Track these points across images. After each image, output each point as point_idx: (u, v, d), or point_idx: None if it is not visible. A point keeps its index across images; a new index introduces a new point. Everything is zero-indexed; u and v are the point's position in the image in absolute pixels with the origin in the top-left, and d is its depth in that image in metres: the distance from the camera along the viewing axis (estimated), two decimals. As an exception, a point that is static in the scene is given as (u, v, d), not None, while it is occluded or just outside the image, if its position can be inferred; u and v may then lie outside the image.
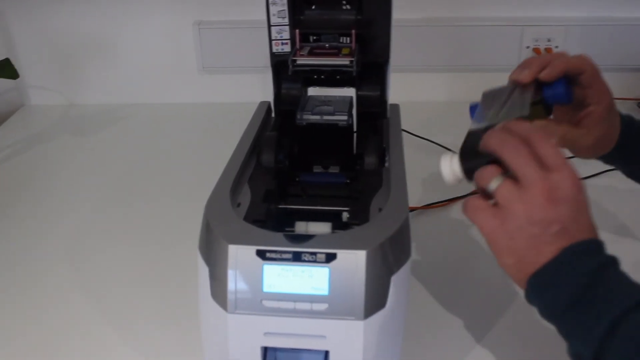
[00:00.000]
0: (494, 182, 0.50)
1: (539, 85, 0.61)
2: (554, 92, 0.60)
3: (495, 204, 0.50)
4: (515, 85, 0.61)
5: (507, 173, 0.50)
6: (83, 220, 0.93)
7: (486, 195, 0.52)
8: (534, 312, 0.50)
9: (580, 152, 0.66)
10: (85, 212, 0.95)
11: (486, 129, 0.54)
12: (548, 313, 0.49)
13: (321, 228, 0.59)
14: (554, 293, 0.47)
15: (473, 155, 0.54)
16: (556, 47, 1.21)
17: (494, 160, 0.51)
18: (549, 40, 1.21)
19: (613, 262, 0.48)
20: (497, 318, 0.70)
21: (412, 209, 0.89)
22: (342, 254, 0.50)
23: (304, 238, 0.52)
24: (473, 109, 0.62)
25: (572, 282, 0.46)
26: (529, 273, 0.48)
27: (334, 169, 0.75)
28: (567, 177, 0.47)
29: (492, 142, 0.51)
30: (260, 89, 1.28)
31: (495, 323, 0.69)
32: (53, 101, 1.35)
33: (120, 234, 0.89)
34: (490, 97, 0.61)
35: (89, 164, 1.10)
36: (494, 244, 0.50)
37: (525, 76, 0.60)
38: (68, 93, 1.34)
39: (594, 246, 0.48)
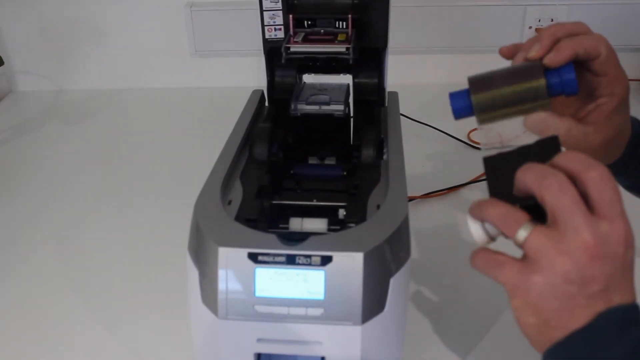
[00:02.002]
0: (523, 230, 0.41)
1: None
2: (562, 80, 0.48)
3: (522, 258, 0.42)
4: (510, 67, 0.50)
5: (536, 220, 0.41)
6: (73, 211, 0.90)
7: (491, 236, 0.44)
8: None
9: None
10: (75, 203, 0.92)
11: (509, 156, 0.44)
12: None
13: (317, 225, 0.56)
14: None
15: (510, 201, 0.43)
16: (559, 27, 1.17)
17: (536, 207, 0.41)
18: (552, 20, 1.17)
19: None
20: (499, 314, 0.68)
21: (411, 199, 0.87)
22: (338, 257, 0.48)
23: (298, 239, 0.49)
24: (456, 98, 0.50)
25: (610, 357, 0.39)
26: (554, 339, 0.40)
27: (330, 160, 0.72)
28: (619, 230, 0.39)
29: (529, 179, 0.41)
30: (255, 72, 1.25)
31: (497, 319, 0.67)
32: (41, 87, 1.32)
33: (112, 226, 0.87)
34: (481, 83, 0.49)
35: (79, 152, 1.08)
36: (517, 300, 0.41)
37: (536, 52, 0.49)
38: (57, 78, 1.31)
39: (634, 313, 0.40)
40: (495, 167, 0.45)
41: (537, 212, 0.41)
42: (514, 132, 0.52)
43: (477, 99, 0.49)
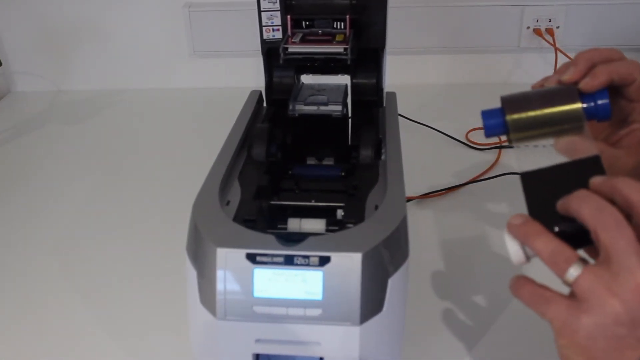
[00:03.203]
0: (573, 271, 0.40)
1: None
2: (596, 105, 0.48)
3: (571, 296, 0.42)
4: (545, 89, 0.51)
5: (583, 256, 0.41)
6: (71, 212, 0.90)
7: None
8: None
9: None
10: (74, 204, 0.92)
11: (548, 173, 0.45)
12: None
13: (315, 225, 0.56)
14: None
15: (552, 221, 0.43)
16: (557, 27, 1.17)
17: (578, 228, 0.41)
18: (550, 21, 1.17)
19: None
20: (498, 314, 0.68)
21: (409, 199, 0.87)
22: (336, 257, 0.48)
23: (296, 239, 0.49)
24: (488, 116, 0.50)
25: None
26: None
27: (328, 161, 0.73)
28: None
29: (585, 211, 0.41)
30: (253, 73, 1.25)
31: (496, 319, 0.67)
32: (40, 87, 1.31)
33: (110, 227, 0.87)
34: (516, 103, 0.49)
35: (77, 152, 1.07)
36: (565, 339, 0.41)
37: (571, 75, 0.49)
38: (56, 79, 1.31)
39: None
40: (534, 183, 0.45)
41: (577, 236, 0.42)
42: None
43: (512, 119, 0.49)
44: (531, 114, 0.48)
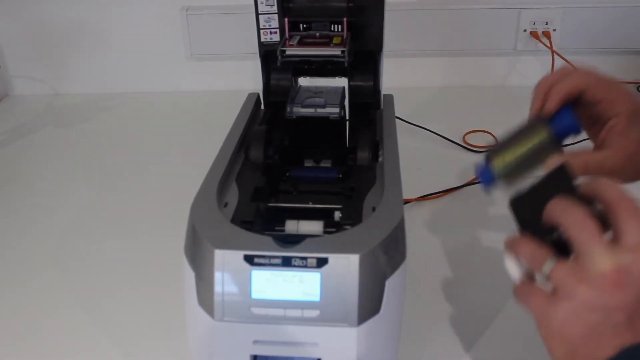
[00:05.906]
0: (547, 265, 0.44)
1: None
2: (562, 124, 0.52)
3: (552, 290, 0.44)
4: (517, 129, 0.54)
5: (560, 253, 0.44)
6: (69, 215, 0.90)
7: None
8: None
9: (613, 178, 0.50)
10: (72, 207, 0.92)
11: (529, 193, 0.47)
12: None
13: (312, 227, 0.56)
14: None
15: (539, 233, 0.46)
16: (554, 30, 1.18)
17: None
18: (546, 24, 1.18)
19: None
20: (495, 315, 0.68)
21: (407, 201, 0.87)
22: (333, 258, 0.48)
23: (294, 241, 0.49)
24: (480, 173, 0.55)
25: None
26: None
27: (325, 163, 0.73)
28: None
29: (557, 214, 0.44)
30: (251, 76, 1.25)
31: (492, 321, 0.67)
32: (38, 91, 1.31)
33: (108, 229, 0.87)
34: (495, 152, 0.54)
35: (75, 155, 1.08)
36: (544, 328, 0.43)
37: (534, 109, 0.54)
38: (53, 82, 1.31)
39: None
40: (520, 206, 0.48)
41: (563, 245, 0.44)
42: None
43: (497, 170, 0.54)
44: (510, 158, 0.53)
